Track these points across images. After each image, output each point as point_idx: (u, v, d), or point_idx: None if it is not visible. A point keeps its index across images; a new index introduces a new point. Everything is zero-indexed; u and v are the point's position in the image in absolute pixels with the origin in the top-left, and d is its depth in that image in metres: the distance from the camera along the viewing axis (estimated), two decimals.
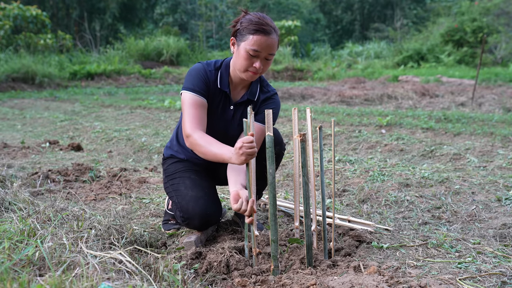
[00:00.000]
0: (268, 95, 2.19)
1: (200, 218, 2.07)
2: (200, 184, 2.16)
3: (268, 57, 1.98)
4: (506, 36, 15.58)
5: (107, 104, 9.09)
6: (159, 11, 28.71)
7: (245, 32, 1.94)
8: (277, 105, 2.21)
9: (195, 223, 2.09)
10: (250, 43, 1.93)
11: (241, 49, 1.96)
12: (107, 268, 1.49)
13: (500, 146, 4.16)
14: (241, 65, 1.99)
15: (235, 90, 2.17)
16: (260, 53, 1.95)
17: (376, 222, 2.42)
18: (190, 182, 2.15)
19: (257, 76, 2.03)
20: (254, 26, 1.92)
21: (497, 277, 1.72)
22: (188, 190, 2.12)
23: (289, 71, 17.01)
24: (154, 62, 17.89)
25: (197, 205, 2.06)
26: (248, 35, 1.93)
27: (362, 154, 4.29)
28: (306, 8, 31.96)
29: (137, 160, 4.37)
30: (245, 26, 1.95)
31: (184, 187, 2.14)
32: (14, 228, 1.76)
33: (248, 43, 1.93)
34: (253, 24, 1.93)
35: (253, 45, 1.92)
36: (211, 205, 2.10)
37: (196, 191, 2.11)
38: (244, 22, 1.96)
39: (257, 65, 1.96)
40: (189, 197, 2.09)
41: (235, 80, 2.13)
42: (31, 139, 5.52)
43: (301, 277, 1.70)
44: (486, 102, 7.80)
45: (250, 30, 1.93)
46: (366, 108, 7.63)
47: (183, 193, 2.13)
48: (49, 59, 15.30)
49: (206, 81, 2.06)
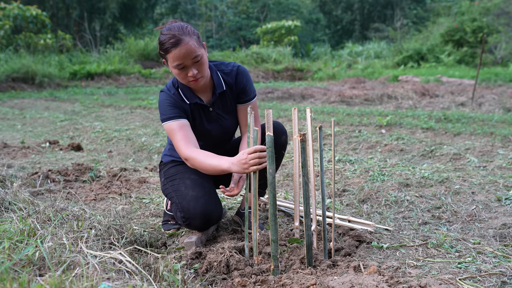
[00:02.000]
0: (233, 73, 2.21)
1: (201, 218, 2.06)
2: (201, 183, 2.16)
3: (196, 60, 1.99)
4: (506, 36, 15.58)
5: (107, 104, 9.09)
6: (159, 11, 28.72)
7: (163, 54, 2.01)
8: (246, 75, 2.23)
9: (196, 223, 2.08)
10: (171, 61, 1.99)
11: (171, 68, 2.04)
12: (107, 268, 1.49)
13: (500, 146, 4.16)
14: (181, 80, 2.06)
15: (204, 93, 2.20)
16: (185, 63, 1.98)
17: (376, 222, 2.42)
18: (191, 182, 2.15)
19: (200, 80, 2.06)
20: (163, 46, 1.98)
21: (497, 277, 1.72)
22: (188, 190, 2.12)
23: (289, 71, 17.00)
24: (154, 62, 17.88)
25: (198, 205, 2.06)
26: (166, 55, 1.99)
27: (362, 154, 4.29)
28: (306, 8, 31.95)
29: (137, 160, 4.37)
30: (160, 49, 2.01)
31: (184, 187, 2.14)
32: (14, 228, 1.76)
33: (170, 61, 2.00)
34: (162, 44, 1.98)
35: (174, 61, 1.98)
36: (212, 204, 2.10)
37: (197, 190, 2.11)
38: (159, 46, 2.02)
39: (190, 73, 2.00)
40: (190, 197, 2.09)
41: (195, 89, 2.17)
42: (31, 139, 5.52)
43: (301, 277, 1.70)
44: (486, 102, 7.80)
45: (164, 50, 1.99)
46: (366, 108, 7.63)
47: (183, 193, 2.12)
48: (49, 59, 15.29)
49: (176, 104, 2.11)
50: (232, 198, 2.97)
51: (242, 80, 2.20)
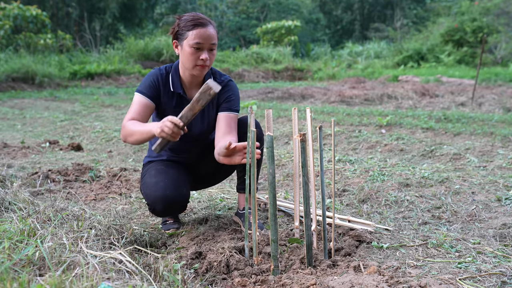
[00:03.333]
0: (223, 84, 2.27)
1: (162, 202, 2.11)
2: (165, 171, 2.22)
3: (212, 47, 2.09)
4: (506, 36, 15.57)
5: (107, 104, 9.09)
6: (159, 11, 28.71)
7: (184, 31, 2.08)
8: (234, 90, 2.31)
9: (159, 207, 2.14)
10: (192, 38, 2.05)
11: (185, 47, 2.09)
12: (107, 268, 1.49)
13: (500, 146, 4.16)
14: (189, 61, 2.10)
15: (191, 90, 2.25)
16: (203, 45, 2.07)
17: (376, 222, 2.42)
18: (155, 172, 2.23)
19: (206, 68, 2.13)
20: (191, 23, 2.06)
21: (497, 277, 1.72)
22: (151, 178, 2.19)
23: (289, 71, 17.00)
24: (154, 62, 17.87)
25: (158, 189, 2.12)
26: (187, 32, 2.06)
27: (362, 154, 4.29)
28: (306, 8, 31.94)
29: (137, 160, 4.37)
30: (183, 25, 2.08)
31: (149, 177, 2.22)
32: (14, 228, 1.76)
33: (189, 39, 2.06)
34: (189, 21, 2.07)
35: (195, 39, 2.05)
36: (171, 187, 2.14)
37: (158, 177, 2.18)
38: (181, 23, 2.10)
39: (204, 56, 2.07)
40: (151, 184, 2.16)
41: (187, 80, 2.22)
42: (31, 139, 5.51)
43: (301, 277, 1.70)
44: (486, 102, 7.80)
45: (189, 27, 2.06)
46: (366, 108, 7.63)
47: (147, 182, 2.20)
48: (49, 59, 15.28)
49: (156, 87, 2.18)
50: (232, 198, 2.97)
51: (228, 91, 2.27)
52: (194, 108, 1.89)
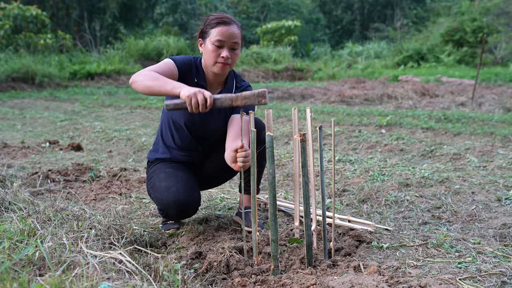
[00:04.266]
0: (242, 88, 2.32)
1: (174, 206, 2.12)
2: (174, 174, 2.22)
3: (234, 46, 2.12)
4: (506, 36, 15.57)
5: (107, 104, 9.09)
6: (159, 11, 28.70)
7: (209, 29, 2.13)
8: None
9: (172, 211, 2.15)
10: (214, 35, 2.10)
11: (208, 44, 2.13)
12: (107, 268, 1.49)
13: (500, 146, 4.16)
14: (210, 58, 2.13)
15: (211, 87, 2.28)
16: (225, 42, 2.10)
17: (376, 222, 2.42)
18: (164, 175, 2.23)
19: (227, 67, 2.15)
20: (214, 21, 2.12)
21: (497, 277, 1.72)
22: (161, 183, 2.19)
23: (289, 71, 16.99)
24: (154, 62, 17.83)
25: (170, 194, 2.12)
26: (211, 29, 2.11)
27: (362, 154, 4.29)
28: (306, 8, 31.94)
29: (137, 160, 4.37)
30: (207, 23, 2.14)
31: (158, 181, 2.22)
32: (14, 228, 1.76)
33: (212, 36, 2.10)
34: (213, 19, 2.12)
35: (217, 36, 2.09)
36: (183, 191, 2.14)
37: (169, 181, 2.18)
38: (206, 21, 2.16)
39: (225, 54, 2.10)
40: (162, 188, 2.16)
41: (209, 77, 2.25)
42: (31, 139, 5.51)
43: (301, 277, 1.70)
44: (486, 102, 7.80)
45: (212, 25, 2.12)
46: (366, 108, 7.63)
47: (157, 186, 2.20)
48: (49, 59, 15.28)
49: (188, 67, 2.20)
50: (232, 198, 2.97)
51: None
52: (235, 101, 1.86)
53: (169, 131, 2.34)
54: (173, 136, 2.33)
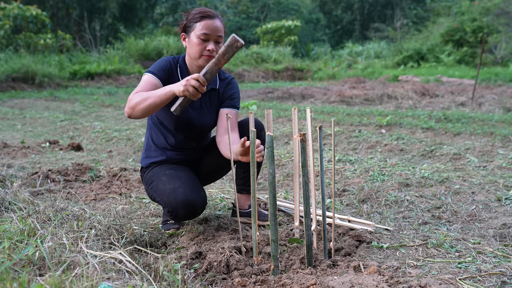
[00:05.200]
0: (227, 81, 2.37)
1: (184, 207, 2.12)
2: (176, 175, 2.22)
3: (218, 40, 2.15)
4: (506, 36, 15.57)
5: (107, 104, 9.08)
6: (159, 11, 28.71)
7: (192, 23, 2.14)
8: (237, 88, 2.40)
9: (182, 212, 2.14)
10: (199, 29, 2.11)
11: (192, 38, 2.14)
12: (107, 268, 1.49)
13: (500, 146, 4.16)
14: (195, 52, 2.14)
15: None
16: (210, 36, 2.12)
17: (376, 222, 2.42)
18: (166, 178, 2.23)
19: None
20: (198, 15, 2.13)
21: (497, 277, 1.72)
22: (166, 185, 2.19)
23: (289, 71, 16.99)
24: (154, 62, 17.87)
25: (178, 195, 2.12)
26: (195, 23, 2.13)
27: (362, 154, 4.29)
28: (306, 8, 31.94)
29: (137, 160, 4.37)
30: (191, 18, 2.16)
31: (161, 184, 2.21)
32: (14, 228, 1.76)
33: (197, 30, 2.12)
34: (197, 14, 2.14)
35: (202, 29, 2.11)
36: (191, 191, 2.15)
37: (173, 183, 2.18)
38: (189, 16, 2.17)
39: (210, 47, 2.12)
40: (168, 190, 2.16)
41: (194, 73, 2.25)
42: (31, 139, 5.51)
43: (301, 277, 1.70)
44: (486, 102, 7.80)
45: (196, 19, 2.13)
46: (366, 108, 7.63)
47: (162, 189, 2.19)
48: (49, 59, 15.28)
49: (167, 71, 2.21)
50: (232, 198, 2.97)
51: (233, 89, 2.36)
52: (219, 62, 1.90)
53: (160, 133, 2.35)
54: (166, 136, 2.34)
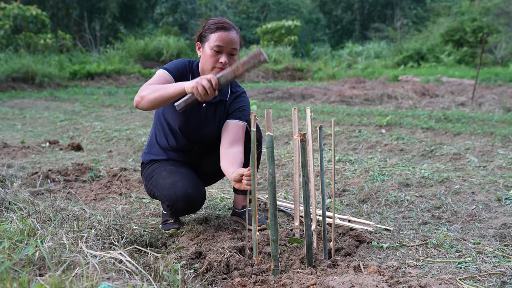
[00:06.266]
0: (237, 94, 2.34)
1: (184, 200, 2.13)
2: (176, 171, 2.23)
3: (232, 52, 2.11)
4: (506, 36, 15.58)
5: (107, 104, 9.08)
6: (159, 11, 28.71)
7: (208, 33, 2.12)
8: (247, 102, 2.36)
9: (181, 206, 2.15)
10: (213, 40, 2.09)
11: (206, 49, 2.12)
12: (107, 268, 1.49)
13: (500, 146, 4.16)
14: (208, 63, 2.12)
15: None
16: (224, 48, 2.09)
17: (376, 222, 2.42)
18: (166, 173, 2.24)
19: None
20: (214, 25, 2.11)
21: (497, 277, 1.72)
22: (165, 180, 2.20)
23: (289, 71, 17.00)
24: (154, 62, 17.86)
25: (178, 189, 2.13)
26: (210, 34, 2.10)
27: (362, 154, 4.29)
28: (306, 8, 31.96)
29: (137, 160, 4.37)
30: (207, 28, 2.13)
31: (161, 179, 2.22)
32: (14, 228, 1.76)
33: (211, 41, 2.09)
34: (213, 24, 2.11)
35: (216, 41, 2.08)
36: (190, 185, 2.16)
37: (173, 177, 2.19)
38: (205, 26, 2.15)
39: (223, 60, 2.08)
40: (168, 184, 2.17)
41: None
42: (31, 139, 5.52)
43: (301, 277, 1.70)
44: (486, 102, 7.80)
45: (211, 29, 2.11)
46: (366, 108, 7.63)
47: (161, 184, 2.20)
48: (49, 59, 15.28)
49: (181, 71, 2.21)
50: (232, 198, 2.97)
51: (242, 102, 2.32)
52: (237, 70, 1.86)
53: (164, 134, 2.35)
54: (168, 138, 2.35)
